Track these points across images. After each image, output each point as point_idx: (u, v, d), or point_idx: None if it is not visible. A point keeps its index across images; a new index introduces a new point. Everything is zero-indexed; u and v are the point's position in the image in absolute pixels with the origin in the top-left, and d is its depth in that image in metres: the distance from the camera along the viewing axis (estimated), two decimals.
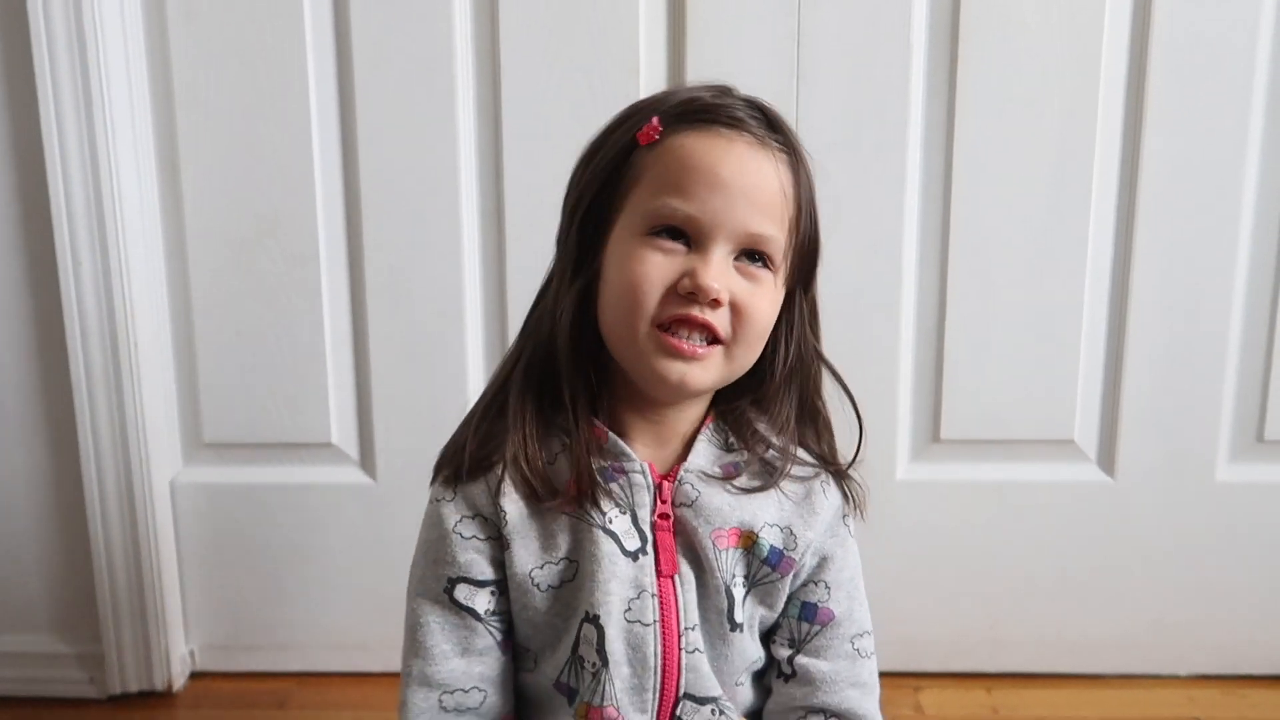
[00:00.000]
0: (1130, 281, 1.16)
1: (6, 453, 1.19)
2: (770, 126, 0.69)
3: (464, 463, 0.72)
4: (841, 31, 1.10)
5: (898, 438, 1.20)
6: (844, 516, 0.77)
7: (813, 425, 0.76)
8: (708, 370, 0.68)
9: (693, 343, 0.67)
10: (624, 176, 0.69)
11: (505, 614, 0.73)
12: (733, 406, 0.74)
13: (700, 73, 1.11)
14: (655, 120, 0.67)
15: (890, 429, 1.19)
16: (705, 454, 0.73)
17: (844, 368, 1.15)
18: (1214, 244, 1.15)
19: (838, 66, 1.11)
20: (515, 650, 0.76)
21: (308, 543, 1.24)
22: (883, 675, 0.77)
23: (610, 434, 0.71)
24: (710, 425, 0.74)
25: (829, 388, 0.77)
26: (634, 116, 0.70)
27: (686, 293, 0.66)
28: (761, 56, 1.10)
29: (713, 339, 0.68)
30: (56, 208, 1.10)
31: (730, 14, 1.10)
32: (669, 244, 0.66)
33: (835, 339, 1.15)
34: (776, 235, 0.67)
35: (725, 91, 0.70)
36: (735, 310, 0.67)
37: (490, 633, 0.72)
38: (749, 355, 0.70)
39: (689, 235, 0.66)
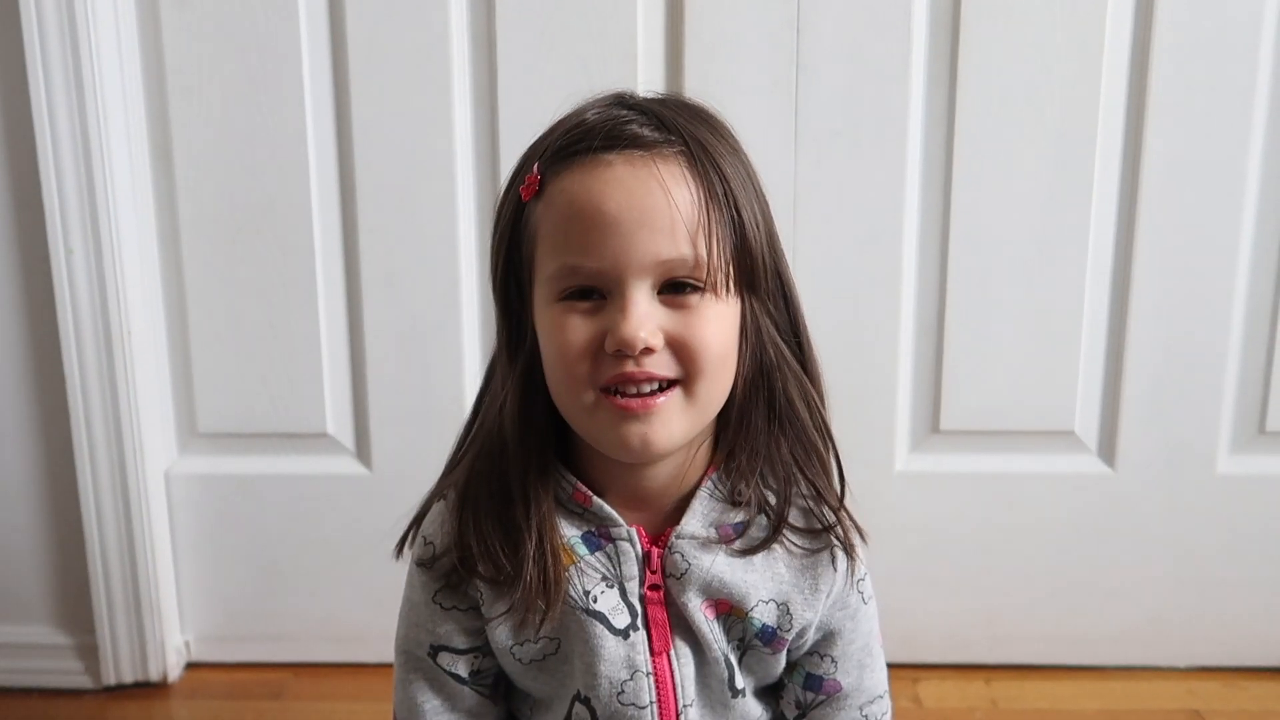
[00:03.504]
0: (1131, 271, 1.15)
1: (0, 444, 1.19)
2: (662, 127, 0.61)
3: (438, 565, 0.68)
4: (842, 20, 1.09)
5: (897, 429, 1.19)
6: (858, 582, 0.70)
7: (799, 445, 0.67)
8: (670, 421, 0.61)
9: (643, 394, 0.60)
10: (523, 239, 0.63)
11: (492, 669, 0.71)
12: (736, 452, 0.66)
13: (699, 62, 1.11)
14: (535, 169, 0.62)
15: (889, 420, 1.19)
16: (702, 514, 0.66)
17: (843, 358, 1.15)
18: (1216, 233, 1.14)
19: (838, 55, 1.10)
20: (511, 692, 0.74)
21: (303, 533, 1.23)
22: (886, 672, 0.76)
23: (594, 498, 0.66)
24: (713, 477, 0.67)
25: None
26: (523, 166, 0.64)
27: (614, 351, 0.59)
28: (760, 45, 1.09)
29: (666, 384, 0.61)
30: (48, 195, 1.09)
31: (729, 3, 1.09)
32: (583, 304, 0.60)
33: (834, 330, 1.16)
34: (693, 253, 0.59)
35: (616, 102, 0.63)
36: (676, 347, 0.60)
37: (477, 691, 0.71)
38: (714, 387, 0.62)
39: (600, 288, 0.60)
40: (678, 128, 0.61)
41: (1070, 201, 1.13)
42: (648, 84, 1.11)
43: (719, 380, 0.62)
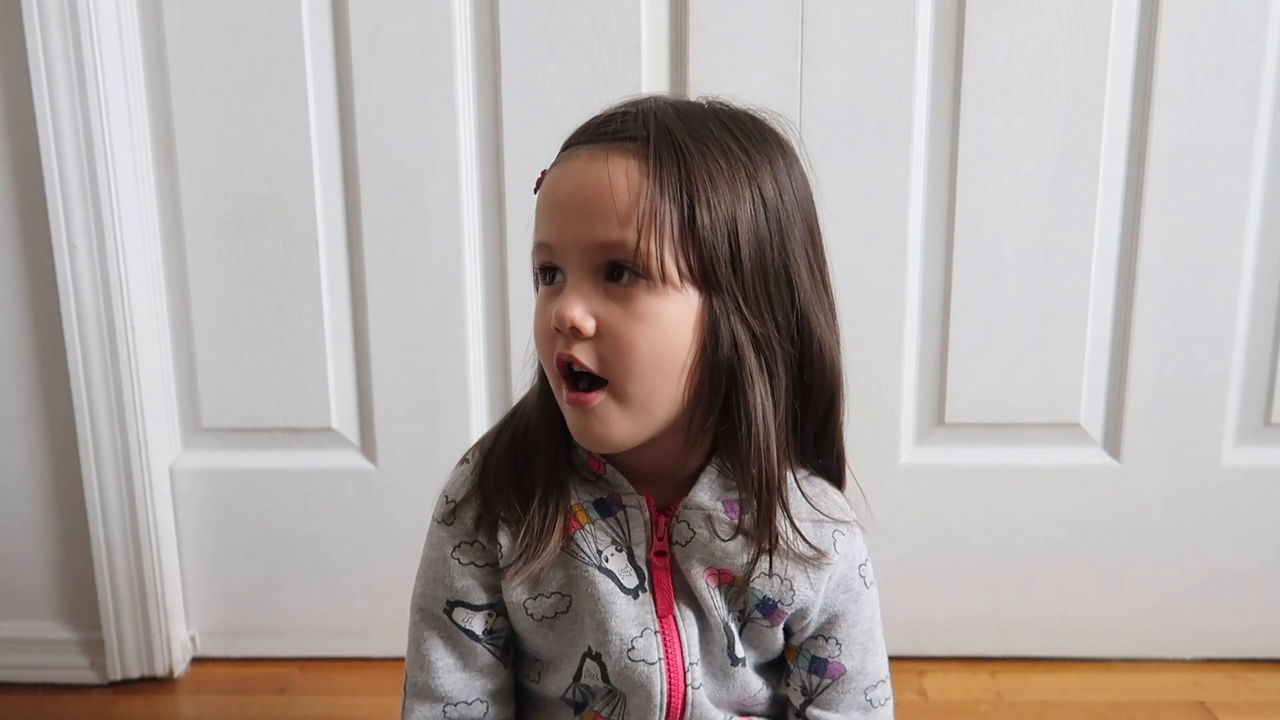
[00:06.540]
0: (1137, 263, 1.14)
1: (4, 440, 1.19)
2: (635, 122, 0.62)
3: (467, 519, 0.70)
4: (846, 11, 1.08)
5: (902, 421, 1.19)
6: (860, 566, 0.72)
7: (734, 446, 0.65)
8: (607, 421, 0.62)
9: (580, 388, 0.62)
10: None
11: (504, 630, 0.73)
12: (733, 440, 0.65)
13: (703, 55, 1.10)
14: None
15: (894, 413, 1.19)
16: (709, 489, 0.68)
17: (847, 351, 1.14)
18: (1221, 225, 1.13)
19: (842, 45, 1.09)
20: (520, 659, 0.76)
21: (308, 528, 1.23)
22: (887, 659, 0.76)
23: (608, 465, 0.68)
24: (719, 458, 0.67)
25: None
26: None
27: (555, 327, 0.61)
28: (765, 36, 1.09)
29: (598, 381, 0.61)
30: (51, 191, 1.09)
31: None
32: (546, 287, 0.64)
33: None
34: (627, 238, 0.59)
35: (633, 102, 0.65)
36: (607, 339, 0.60)
37: (489, 650, 0.73)
38: (648, 389, 0.61)
39: (558, 267, 0.63)
40: (649, 123, 0.62)
41: (1076, 193, 1.13)
42: (651, 78, 1.11)
43: (653, 381, 0.61)
